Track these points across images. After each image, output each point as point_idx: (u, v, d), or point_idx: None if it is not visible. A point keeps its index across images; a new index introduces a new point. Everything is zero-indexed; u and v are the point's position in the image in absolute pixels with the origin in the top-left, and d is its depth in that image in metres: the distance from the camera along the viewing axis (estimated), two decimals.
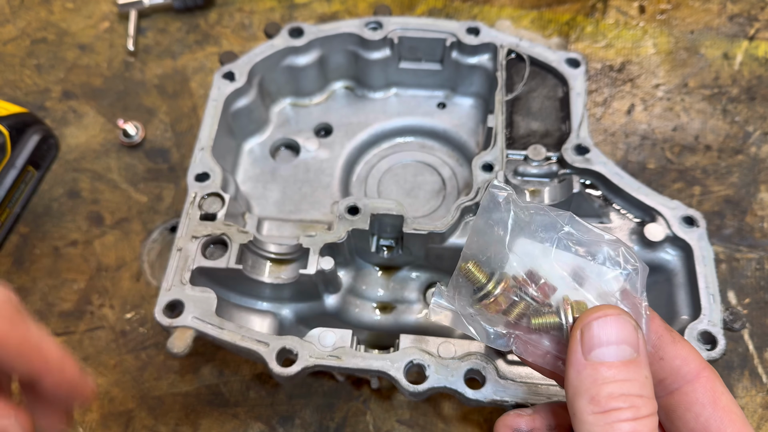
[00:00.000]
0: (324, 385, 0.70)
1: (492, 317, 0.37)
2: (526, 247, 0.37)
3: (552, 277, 0.36)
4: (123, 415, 0.69)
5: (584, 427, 0.32)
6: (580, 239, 0.37)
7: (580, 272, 0.36)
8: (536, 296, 0.36)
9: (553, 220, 0.37)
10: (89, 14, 1.00)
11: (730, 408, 0.36)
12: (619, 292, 0.36)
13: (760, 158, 0.84)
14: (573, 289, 0.36)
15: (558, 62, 0.74)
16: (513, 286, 0.36)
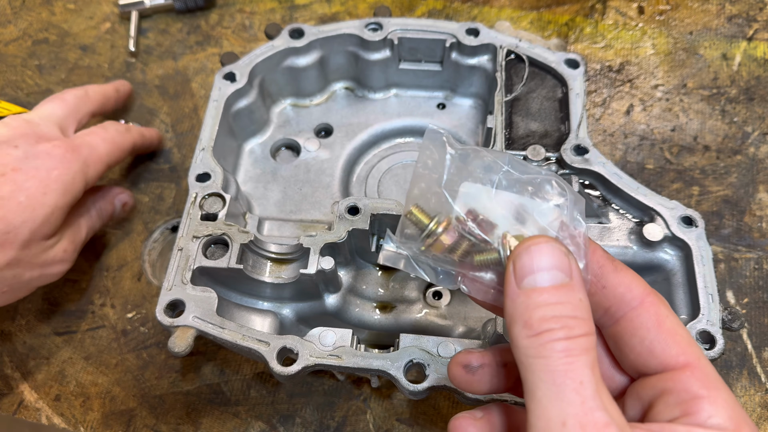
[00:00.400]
0: (324, 384, 0.70)
1: (439, 257, 0.38)
2: (468, 188, 0.38)
3: (492, 215, 0.37)
4: (124, 414, 0.69)
5: (520, 352, 0.33)
6: (518, 179, 0.38)
7: (521, 210, 0.37)
8: (477, 234, 0.37)
9: (493, 161, 0.38)
10: (90, 15, 1.01)
11: (674, 329, 0.36)
12: (557, 223, 0.37)
13: (758, 158, 0.84)
14: (513, 226, 0.37)
15: (557, 63, 0.75)
16: (455, 225, 0.37)
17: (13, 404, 0.70)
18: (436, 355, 0.57)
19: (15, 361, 0.72)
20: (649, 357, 0.36)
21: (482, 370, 0.41)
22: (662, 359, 0.36)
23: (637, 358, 0.37)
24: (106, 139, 0.71)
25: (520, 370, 0.33)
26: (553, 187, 0.38)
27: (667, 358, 0.36)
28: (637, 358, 0.37)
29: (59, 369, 0.72)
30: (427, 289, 0.70)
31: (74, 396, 0.70)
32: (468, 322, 0.68)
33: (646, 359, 0.36)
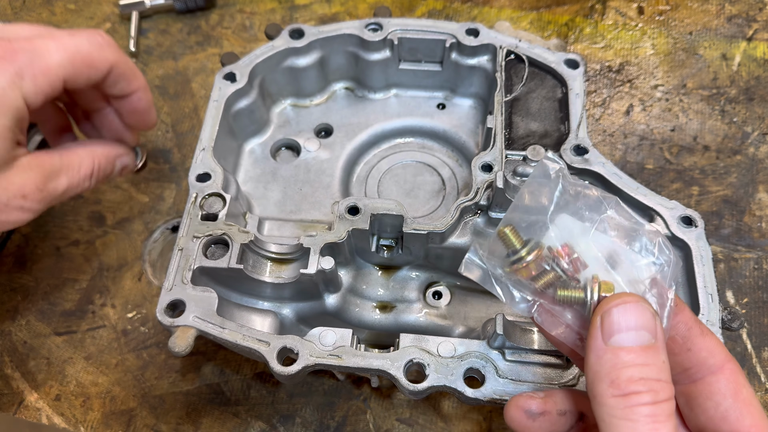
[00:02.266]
0: (324, 384, 0.70)
1: (520, 281, 0.38)
2: (567, 222, 0.37)
3: (586, 254, 0.37)
4: (124, 414, 0.69)
5: (605, 410, 0.33)
6: (620, 224, 0.38)
7: (615, 256, 0.37)
8: (567, 269, 0.37)
9: (599, 202, 0.38)
10: (91, 15, 1.01)
11: (749, 401, 0.37)
12: (649, 280, 0.37)
13: (758, 158, 0.84)
14: (604, 270, 0.37)
15: (557, 63, 0.75)
16: (546, 256, 0.37)
17: (14, 404, 0.70)
18: (436, 354, 0.57)
19: (15, 361, 0.73)
20: (721, 423, 0.37)
21: (542, 418, 0.41)
22: (735, 427, 0.36)
23: (708, 421, 0.37)
24: (65, 48, 0.55)
25: (600, 427, 0.33)
26: (657, 244, 0.37)
27: (740, 427, 0.36)
28: (708, 421, 0.37)
29: (59, 369, 0.72)
30: (427, 290, 0.70)
31: (74, 396, 0.70)
32: (468, 322, 0.68)
33: (718, 424, 0.37)
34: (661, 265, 0.37)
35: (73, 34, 0.56)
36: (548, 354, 0.57)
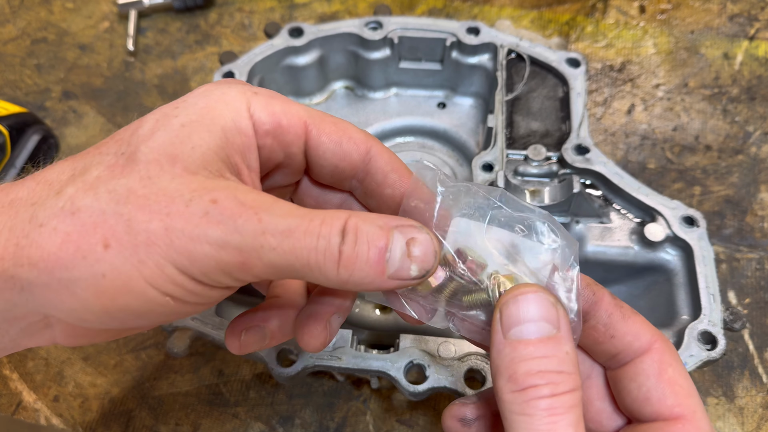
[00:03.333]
0: (324, 385, 0.70)
1: (428, 296, 0.37)
2: (460, 225, 0.37)
3: (483, 254, 0.36)
4: (123, 414, 0.69)
5: (504, 407, 0.32)
6: (511, 215, 0.37)
7: (513, 249, 0.36)
8: (464, 275, 0.36)
9: (485, 198, 0.37)
10: (89, 14, 1.00)
11: (675, 380, 0.36)
12: (550, 267, 0.36)
13: (760, 158, 0.84)
14: (503, 266, 0.36)
15: (558, 62, 0.74)
16: (443, 266, 0.36)
17: (12, 405, 0.70)
18: (436, 355, 0.57)
19: (13, 362, 0.72)
20: (644, 404, 0.36)
21: (478, 423, 0.40)
22: (657, 408, 0.35)
23: (632, 404, 0.36)
24: None
25: (504, 425, 0.32)
26: (546, 228, 0.37)
27: (661, 407, 0.35)
28: (632, 403, 0.36)
29: (58, 370, 0.72)
30: None
31: (73, 397, 0.70)
32: None
33: (641, 406, 0.36)
34: (555, 249, 0.36)
35: None
36: None
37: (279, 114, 0.37)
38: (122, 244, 0.30)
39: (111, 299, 0.31)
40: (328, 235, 0.31)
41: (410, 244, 0.33)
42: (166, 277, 0.31)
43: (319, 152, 0.38)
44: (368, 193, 0.40)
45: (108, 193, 0.31)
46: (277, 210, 0.32)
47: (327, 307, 0.40)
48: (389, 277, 0.33)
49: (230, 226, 0.30)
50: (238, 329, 0.40)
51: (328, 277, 0.32)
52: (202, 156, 0.33)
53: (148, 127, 0.33)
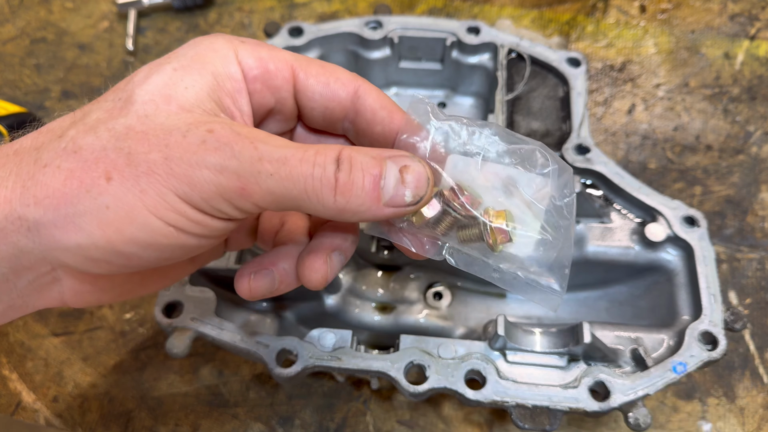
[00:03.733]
0: (324, 386, 0.70)
1: (424, 229, 0.38)
2: (456, 161, 0.37)
3: (479, 189, 0.37)
4: (123, 415, 0.69)
5: None
6: (506, 148, 0.38)
7: (509, 181, 0.37)
8: (459, 210, 0.37)
9: (479, 131, 0.38)
10: (89, 14, 1.00)
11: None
12: (546, 196, 0.37)
13: (761, 158, 0.83)
14: (498, 200, 0.37)
15: (558, 62, 0.74)
16: (439, 199, 0.37)
17: (11, 405, 0.69)
18: (436, 356, 0.57)
19: (13, 362, 0.72)
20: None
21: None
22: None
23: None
24: None
25: None
26: (539, 156, 0.37)
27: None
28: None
29: (57, 370, 0.71)
30: (428, 290, 0.69)
31: (72, 397, 0.70)
32: (469, 323, 0.67)
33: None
34: (547, 173, 0.37)
35: None
36: (550, 355, 0.57)
37: (266, 59, 0.38)
38: (124, 175, 0.31)
39: (116, 231, 0.32)
40: (323, 163, 0.33)
41: (403, 172, 0.34)
42: (167, 205, 0.32)
43: (308, 94, 0.39)
44: (360, 132, 0.40)
45: (108, 131, 0.32)
46: (273, 141, 0.33)
47: (327, 243, 0.40)
48: (385, 205, 0.34)
49: (227, 152, 0.31)
50: (247, 272, 0.41)
51: (325, 204, 0.33)
52: (196, 95, 0.34)
53: (143, 75, 0.35)
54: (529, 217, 0.37)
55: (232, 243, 0.47)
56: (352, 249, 0.41)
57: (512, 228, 0.36)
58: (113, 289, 0.39)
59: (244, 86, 0.37)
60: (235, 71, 0.37)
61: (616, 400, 0.54)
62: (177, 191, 0.31)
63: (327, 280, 0.40)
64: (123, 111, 0.33)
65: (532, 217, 0.37)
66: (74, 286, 0.37)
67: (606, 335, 0.60)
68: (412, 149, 0.37)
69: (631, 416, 0.54)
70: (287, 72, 0.38)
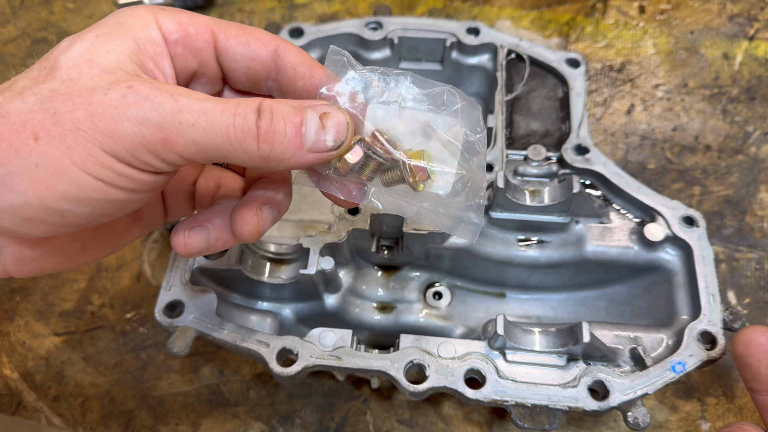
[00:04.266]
0: (324, 385, 0.70)
1: (350, 176, 0.40)
2: (376, 110, 0.39)
3: (399, 134, 0.39)
4: (123, 414, 0.69)
5: None
6: (422, 94, 0.40)
7: (427, 126, 0.39)
8: (381, 153, 0.39)
9: (395, 79, 0.40)
10: (89, 14, 1.00)
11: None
12: (461, 135, 0.39)
13: (759, 158, 0.84)
14: (416, 143, 0.39)
15: (558, 62, 0.74)
16: (362, 145, 0.39)
17: (12, 405, 0.70)
18: (436, 355, 0.57)
19: (14, 362, 0.72)
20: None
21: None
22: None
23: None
24: None
25: None
26: (448, 96, 0.40)
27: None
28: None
29: (58, 370, 0.72)
30: (427, 290, 0.70)
31: (73, 397, 0.70)
32: (468, 323, 0.68)
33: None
34: (456, 110, 0.39)
35: None
36: (549, 354, 0.57)
37: (186, 23, 0.39)
38: (50, 134, 0.33)
39: (47, 187, 0.33)
40: (243, 112, 0.34)
41: (323, 118, 0.36)
42: (94, 160, 0.33)
43: (229, 55, 0.41)
44: (283, 90, 0.42)
45: (34, 95, 0.34)
46: (193, 95, 0.34)
47: (259, 197, 0.42)
48: (308, 151, 0.36)
49: (147, 105, 0.33)
50: (182, 228, 0.42)
51: (249, 153, 0.34)
52: (117, 58, 0.36)
53: (66, 44, 0.36)
54: (446, 156, 0.39)
55: (171, 211, 0.48)
56: (285, 203, 0.43)
57: (430, 166, 0.39)
58: (55, 255, 0.41)
59: (165, 49, 0.39)
60: (155, 35, 0.38)
61: (615, 400, 0.54)
62: (102, 146, 0.33)
63: (259, 232, 0.41)
64: (48, 77, 0.34)
65: (449, 155, 0.39)
66: (15, 254, 0.38)
67: (605, 335, 0.60)
68: (333, 101, 0.39)
69: (630, 415, 0.55)
70: (207, 34, 0.40)
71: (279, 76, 0.41)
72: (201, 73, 0.41)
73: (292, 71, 0.41)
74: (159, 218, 0.48)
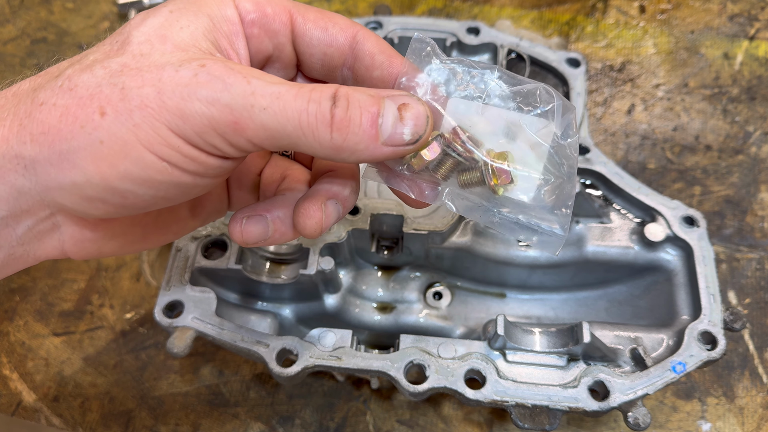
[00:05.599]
0: (324, 385, 0.70)
1: (424, 173, 0.37)
2: (457, 105, 0.36)
3: (479, 132, 0.36)
4: (123, 415, 0.69)
5: None
6: (509, 91, 0.37)
7: (512, 125, 0.36)
8: (461, 152, 0.36)
9: (481, 74, 0.37)
10: (89, 14, 1.00)
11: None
12: (550, 137, 0.36)
13: (760, 158, 0.84)
14: (499, 143, 0.36)
15: (558, 62, 0.74)
16: (440, 141, 0.36)
17: (12, 405, 0.70)
18: (436, 356, 0.57)
19: (13, 362, 0.72)
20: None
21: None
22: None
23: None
24: None
25: None
26: (543, 94, 0.36)
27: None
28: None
29: (58, 370, 0.72)
30: (428, 290, 0.69)
31: (73, 397, 0.70)
32: (469, 323, 0.68)
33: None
34: (549, 110, 0.36)
35: None
36: (549, 355, 0.57)
37: (263, 3, 0.37)
38: (117, 110, 0.31)
39: (110, 166, 0.31)
40: (318, 98, 0.32)
41: (402, 110, 0.34)
42: (160, 139, 0.31)
43: (306, 40, 0.39)
44: (359, 79, 0.40)
45: (103, 69, 0.32)
46: (267, 77, 0.32)
47: (324, 190, 0.39)
48: (383, 143, 0.33)
49: (219, 85, 0.31)
50: (240, 216, 0.40)
51: (321, 141, 0.32)
52: (191, 35, 0.34)
53: (139, 18, 0.35)
54: (531, 159, 0.36)
55: (235, 201, 0.46)
56: (351, 199, 0.40)
57: (514, 169, 0.36)
58: (114, 238, 0.39)
59: (240, 29, 0.37)
60: (231, 14, 0.36)
61: (615, 400, 0.54)
62: (170, 125, 0.31)
63: (322, 227, 0.38)
64: (119, 51, 0.33)
65: (534, 158, 0.36)
66: (74, 234, 0.37)
67: (605, 335, 0.60)
68: (412, 92, 0.37)
69: (631, 416, 0.55)
70: (285, 16, 0.38)
71: (355, 64, 0.39)
72: (276, 57, 0.39)
73: (370, 59, 0.38)
74: (222, 207, 0.46)
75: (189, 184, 0.34)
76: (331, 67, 0.40)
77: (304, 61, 0.40)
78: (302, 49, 0.39)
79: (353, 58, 0.39)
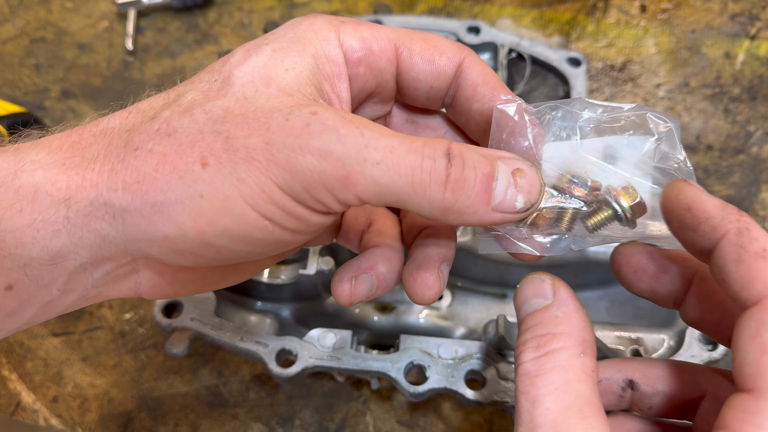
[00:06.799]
0: (324, 386, 0.70)
1: (544, 229, 0.36)
2: (553, 149, 0.35)
3: (588, 171, 0.35)
4: (122, 415, 0.69)
5: None
6: (600, 119, 0.35)
7: (611, 151, 0.35)
8: (581, 197, 0.34)
9: (566, 112, 0.35)
10: (88, 13, 1.00)
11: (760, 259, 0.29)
12: (652, 152, 0.34)
13: (761, 158, 0.83)
14: (612, 175, 0.35)
15: (559, 61, 0.74)
16: (554, 195, 0.35)
17: (11, 405, 0.69)
18: (436, 356, 0.57)
19: (12, 362, 0.72)
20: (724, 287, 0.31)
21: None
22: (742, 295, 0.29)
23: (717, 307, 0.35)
24: None
25: None
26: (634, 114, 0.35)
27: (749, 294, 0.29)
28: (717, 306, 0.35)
29: (57, 370, 0.71)
30: None
31: (72, 397, 0.70)
32: (469, 323, 0.67)
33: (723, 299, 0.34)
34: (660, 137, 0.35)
35: None
36: None
37: (369, 39, 0.35)
38: (221, 161, 0.28)
39: (208, 222, 0.29)
40: (433, 155, 0.29)
41: (516, 175, 0.32)
42: (266, 196, 0.29)
43: (412, 75, 0.36)
44: (457, 108, 0.37)
45: (204, 113, 0.30)
46: (377, 129, 0.30)
47: (435, 254, 0.37)
48: (493, 209, 0.31)
49: (333, 136, 0.28)
50: (348, 276, 0.37)
51: (431, 201, 0.30)
52: (296, 78, 0.32)
53: (240, 55, 0.32)
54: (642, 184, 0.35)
55: (313, 239, 0.45)
56: (453, 258, 0.39)
57: (640, 199, 0.34)
58: (193, 282, 0.37)
59: (344, 70, 0.34)
60: (336, 54, 0.34)
61: None
62: (277, 180, 0.29)
63: (439, 295, 0.37)
64: (220, 92, 0.31)
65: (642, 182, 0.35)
66: (152, 279, 0.34)
67: (606, 335, 0.60)
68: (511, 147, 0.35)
69: None
70: (391, 52, 0.35)
71: (456, 93, 0.36)
72: (375, 94, 0.37)
73: (472, 91, 0.36)
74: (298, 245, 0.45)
75: (287, 241, 0.32)
76: (435, 99, 0.37)
77: (407, 95, 0.38)
78: (407, 83, 0.37)
79: (456, 86, 0.36)
